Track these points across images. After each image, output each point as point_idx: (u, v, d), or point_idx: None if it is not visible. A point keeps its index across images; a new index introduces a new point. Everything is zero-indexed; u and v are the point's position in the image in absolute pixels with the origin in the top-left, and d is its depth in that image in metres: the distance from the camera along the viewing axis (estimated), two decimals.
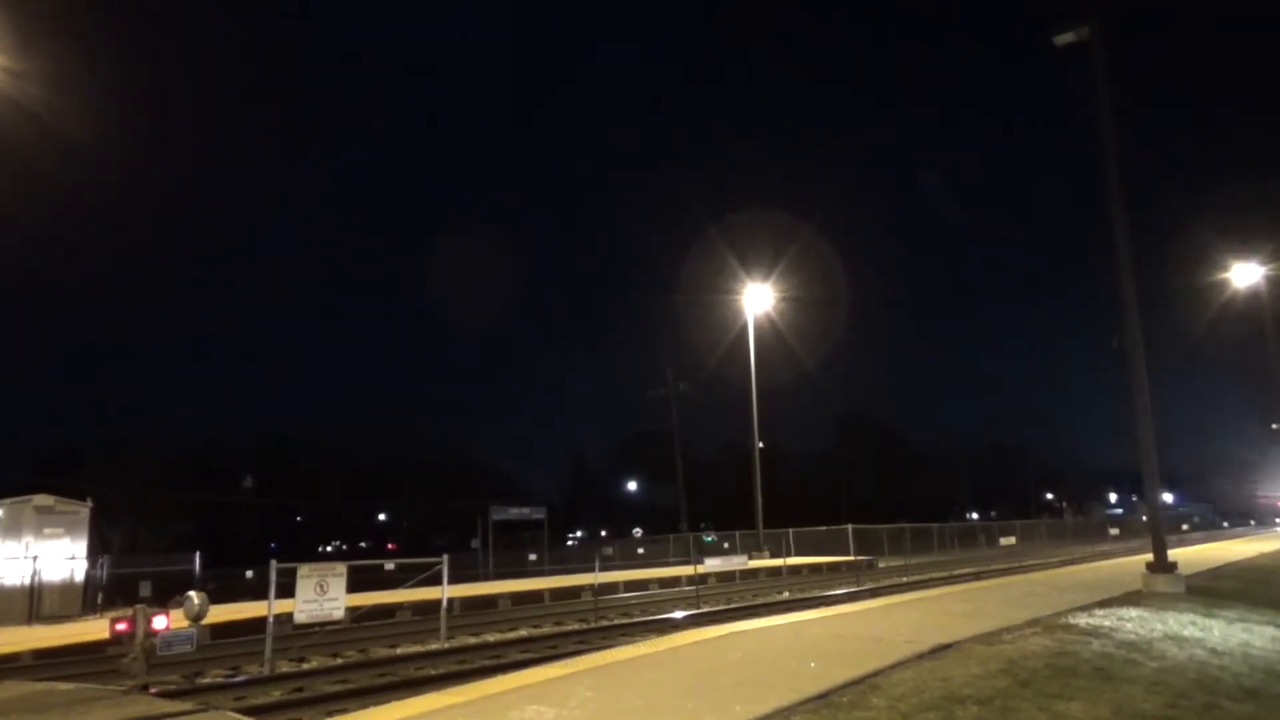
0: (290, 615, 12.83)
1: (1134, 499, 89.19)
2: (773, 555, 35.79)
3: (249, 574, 29.39)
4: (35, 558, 18.99)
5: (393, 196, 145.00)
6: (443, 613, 15.04)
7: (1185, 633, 9.80)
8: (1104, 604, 12.33)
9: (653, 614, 18.12)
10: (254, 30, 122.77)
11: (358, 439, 77.96)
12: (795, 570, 30.61)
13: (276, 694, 10.20)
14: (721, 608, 18.97)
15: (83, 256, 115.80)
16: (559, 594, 22.65)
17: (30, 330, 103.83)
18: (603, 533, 72.29)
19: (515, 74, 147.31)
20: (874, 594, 19.64)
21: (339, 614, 13.27)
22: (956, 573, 27.88)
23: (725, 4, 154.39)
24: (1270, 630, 10.47)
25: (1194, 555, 25.06)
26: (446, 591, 15.68)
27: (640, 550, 45.48)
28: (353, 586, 13.84)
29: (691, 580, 24.31)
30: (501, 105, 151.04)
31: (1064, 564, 27.84)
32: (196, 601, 10.54)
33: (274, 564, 13.03)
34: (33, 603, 18.51)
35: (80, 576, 19.84)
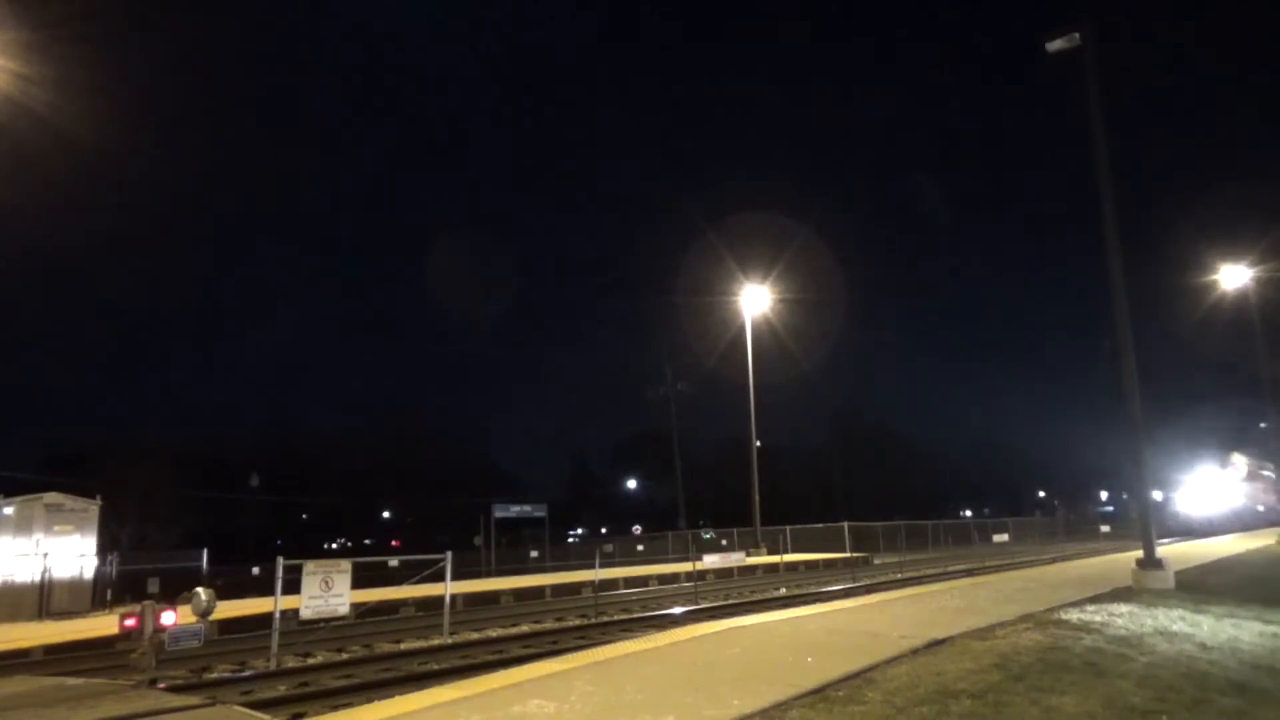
0: (296, 611, 12.92)
1: (1124, 497, 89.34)
2: (770, 552, 35.96)
3: (255, 570, 29.51)
4: (45, 555, 19.13)
5: (394, 196, 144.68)
6: (446, 608, 15.19)
7: (1174, 628, 9.89)
8: (1095, 600, 12.46)
9: (652, 610, 18.27)
10: (256, 34, 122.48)
11: (362, 437, 78.00)
12: (792, 567, 30.78)
13: (283, 688, 10.29)
14: (720, 604, 19.10)
15: (90, 257, 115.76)
16: (560, 590, 22.81)
17: (39, 330, 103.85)
18: (603, 530, 72.33)
19: (514, 75, 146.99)
20: (870, 590, 19.79)
21: (344, 610, 13.37)
22: (950, 569, 28.06)
23: (724, 6, 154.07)
24: (1258, 625, 10.58)
25: (1183, 552, 25.21)
26: (449, 588, 15.83)
27: (640, 547, 45.62)
28: (357, 583, 13.92)
29: (690, 577, 24.48)
30: (501, 105, 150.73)
31: (1056, 561, 27.95)
32: (204, 597, 10.64)
33: (280, 560, 13.02)
34: (43, 599, 18.67)
35: (90, 573, 19.97)
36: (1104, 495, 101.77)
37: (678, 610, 17.62)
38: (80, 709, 7.41)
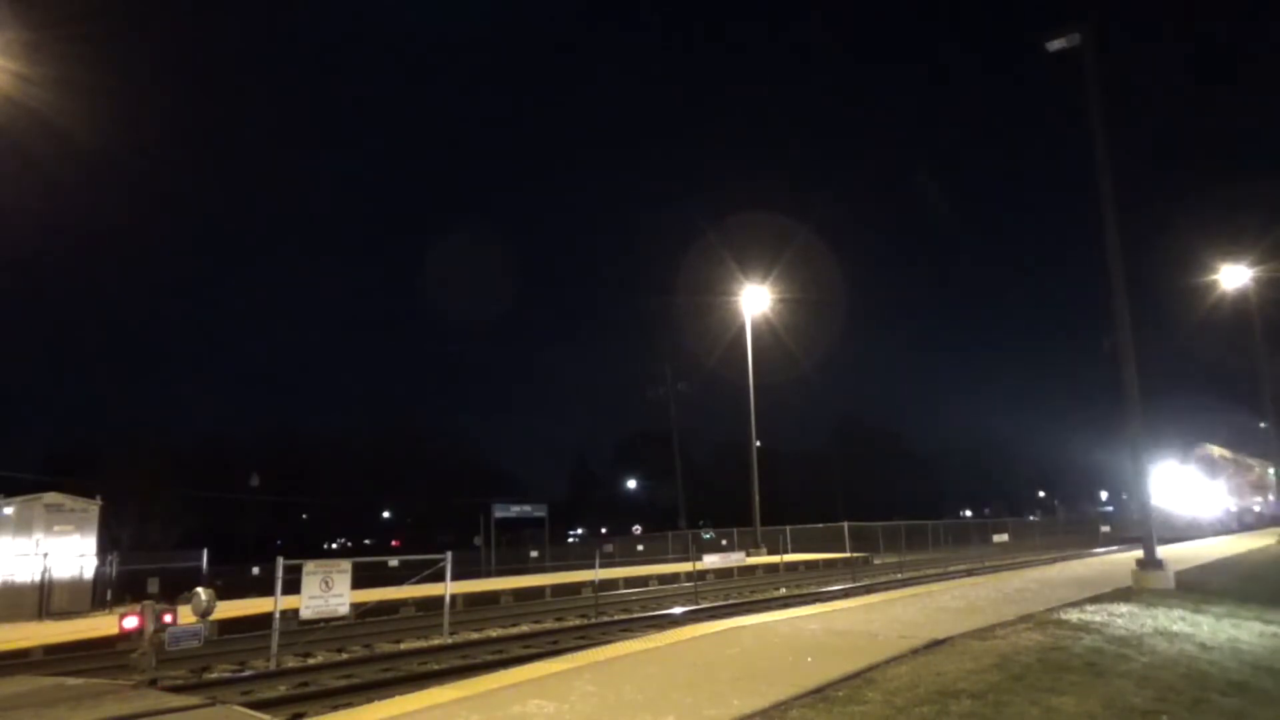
0: (296, 611, 12.94)
1: (1124, 497, 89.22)
2: (770, 552, 35.96)
3: (255, 570, 29.55)
4: (45, 555, 19.15)
5: (394, 196, 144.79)
6: (446, 608, 15.21)
7: (1174, 628, 9.89)
8: (1095, 600, 12.45)
9: (652, 610, 18.27)
10: (256, 34, 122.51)
11: (362, 437, 78.10)
12: (792, 567, 30.78)
13: (283, 688, 10.30)
14: (720, 604, 19.11)
15: (90, 257, 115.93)
16: (560, 590, 22.80)
17: (40, 330, 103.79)
18: (603, 530, 72.27)
19: (514, 74, 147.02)
20: (870, 590, 19.79)
21: (344, 610, 13.39)
22: (950, 569, 28.04)
23: (724, 7, 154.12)
24: (1258, 625, 10.59)
25: (1183, 552, 25.15)
26: (449, 588, 15.85)
27: (640, 547, 45.66)
28: (357, 583, 13.93)
29: (690, 577, 24.49)
30: (501, 105, 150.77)
31: (1056, 561, 27.89)
32: (204, 598, 10.67)
33: (280, 560, 13.02)
34: (43, 599, 18.68)
35: (90, 573, 19.97)
36: (1104, 495, 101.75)
37: (678, 610, 17.62)
38: (80, 709, 7.43)
